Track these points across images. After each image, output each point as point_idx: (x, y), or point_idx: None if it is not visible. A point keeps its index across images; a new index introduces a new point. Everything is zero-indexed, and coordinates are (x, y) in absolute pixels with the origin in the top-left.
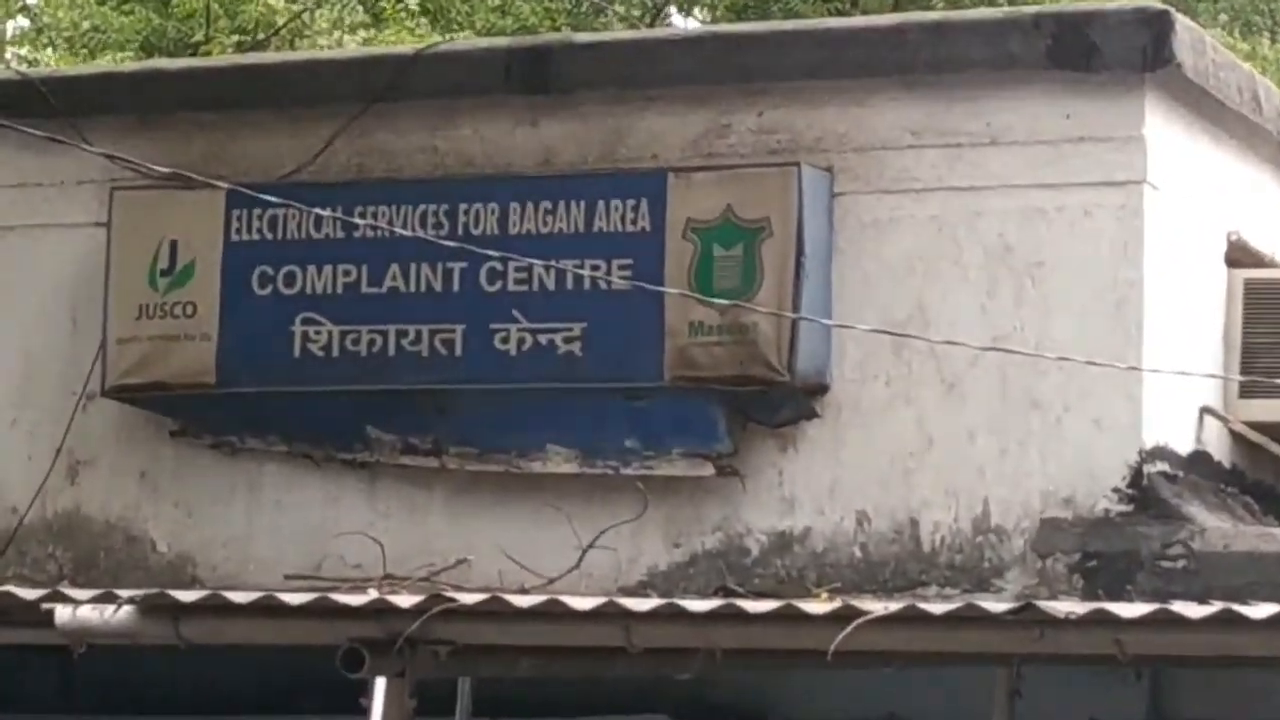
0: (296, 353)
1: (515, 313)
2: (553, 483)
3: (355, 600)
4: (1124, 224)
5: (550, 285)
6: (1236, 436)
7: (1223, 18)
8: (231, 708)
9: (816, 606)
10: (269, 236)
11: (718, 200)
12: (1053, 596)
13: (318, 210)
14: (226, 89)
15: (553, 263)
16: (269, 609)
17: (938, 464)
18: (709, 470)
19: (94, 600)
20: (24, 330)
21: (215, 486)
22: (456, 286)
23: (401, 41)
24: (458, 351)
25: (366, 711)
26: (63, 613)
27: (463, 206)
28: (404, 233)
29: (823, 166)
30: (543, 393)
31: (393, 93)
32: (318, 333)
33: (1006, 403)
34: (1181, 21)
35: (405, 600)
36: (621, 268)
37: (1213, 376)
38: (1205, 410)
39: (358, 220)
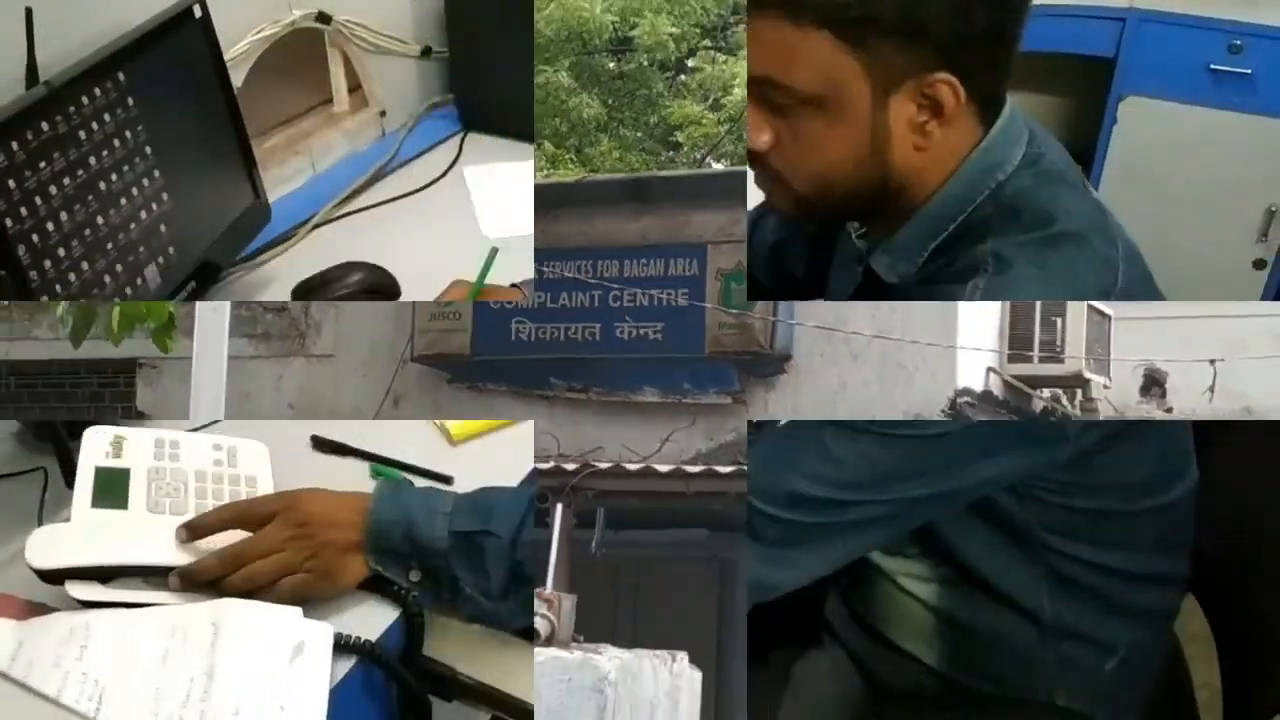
0: (512, 339)
1: (627, 318)
2: (649, 408)
3: (546, 466)
4: None
5: (646, 303)
6: (1006, 383)
7: None
8: None
9: None
10: None
11: (733, 261)
12: None
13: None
14: None
15: (648, 292)
16: None
17: (849, 399)
18: (729, 400)
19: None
20: (371, 326)
21: (469, 410)
22: (596, 304)
23: (563, 177)
24: (598, 339)
25: (550, 525)
26: None
27: (600, 263)
28: (569, 275)
29: None
30: (642, 360)
31: (559, 203)
32: (524, 328)
33: (885, 366)
34: None
35: (570, 466)
36: (683, 294)
37: (994, 351)
38: (990, 369)
39: (544, 270)
